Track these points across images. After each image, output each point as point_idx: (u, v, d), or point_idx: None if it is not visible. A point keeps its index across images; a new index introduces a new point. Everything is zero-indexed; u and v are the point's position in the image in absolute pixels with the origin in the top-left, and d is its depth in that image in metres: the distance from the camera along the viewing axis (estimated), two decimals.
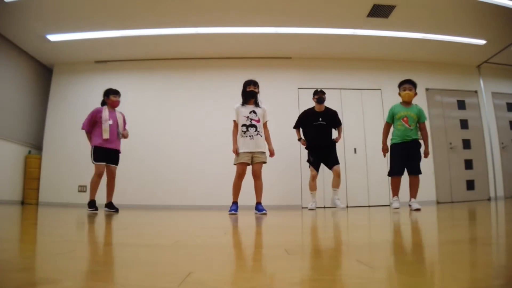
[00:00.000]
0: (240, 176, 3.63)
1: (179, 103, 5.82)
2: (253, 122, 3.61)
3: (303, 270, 0.83)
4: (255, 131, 3.60)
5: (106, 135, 3.70)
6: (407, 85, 3.77)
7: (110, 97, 3.89)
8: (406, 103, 3.82)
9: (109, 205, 3.84)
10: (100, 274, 0.78)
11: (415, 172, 3.72)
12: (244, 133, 3.61)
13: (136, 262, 0.94)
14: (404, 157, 3.74)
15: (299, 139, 4.57)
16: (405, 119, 3.76)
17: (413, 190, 3.74)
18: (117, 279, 0.74)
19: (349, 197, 5.48)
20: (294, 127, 4.63)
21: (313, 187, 4.42)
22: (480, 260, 0.93)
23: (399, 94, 3.84)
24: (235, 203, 3.67)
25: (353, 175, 5.55)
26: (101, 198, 3.80)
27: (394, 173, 3.81)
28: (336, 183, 4.34)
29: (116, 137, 3.84)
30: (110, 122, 3.77)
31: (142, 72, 5.96)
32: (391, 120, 3.91)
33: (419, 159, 3.75)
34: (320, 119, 4.39)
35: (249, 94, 3.68)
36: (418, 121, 3.81)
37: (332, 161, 4.37)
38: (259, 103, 3.75)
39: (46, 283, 0.67)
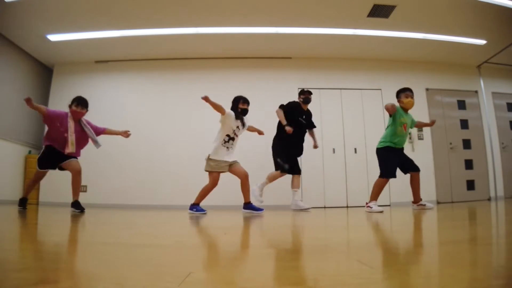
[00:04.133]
0: (214, 184, 3.72)
1: (179, 103, 5.81)
2: (234, 136, 3.72)
3: (303, 270, 0.83)
4: (232, 144, 3.71)
5: (72, 149, 3.68)
6: (410, 92, 3.77)
7: (72, 106, 3.72)
8: (406, 110, 3.79)
9: (75, 205, 3.68)
10: (100, 274, 0.78)
11: (417, 168, 3.74)
12: (225, 143, 3.67)
13: (136, 262, 0.94)
14: (396, 163, 3.74)
15: (286, 125, 4.09)
16: (405, 125, 3.75)
17: (419, 188, 3.79)
18: (117, 279, 0.74)
19: (349, 197, 5.48)
20: (280, 108, 4.29)
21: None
22: (480, 260, 0.93)
23: (401, 101, 3.78)
24: (198, 205, 3.84)
25: (353, 175, 5.55)
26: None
27: (391, 174, 3.71)
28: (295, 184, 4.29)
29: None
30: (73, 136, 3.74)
31: (142, 72, 5.96)
32: (393, 117, 3.75)
33: (410, 158, 3.82)
34: (304, 116, 4.42)
35: (243, 113, 3.78)
36: (411, 126, 3.90)
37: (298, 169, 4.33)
38: (245, 121, 3.84)
39: (46, 283, 0.67)
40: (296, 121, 4.26)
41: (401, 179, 3.92)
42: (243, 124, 3.81)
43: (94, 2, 4.32)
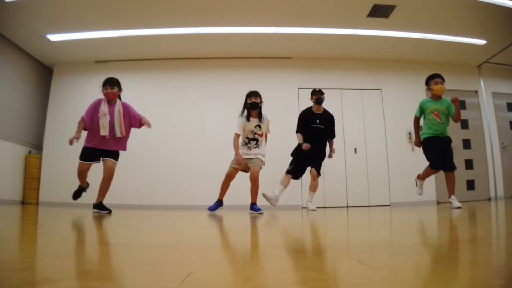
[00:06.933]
0: (229, 177, 3.74)
1: (179, 103, 5.82)
2: (256, 136, 3.70)
3: (303, 270, 0.83)
4: (255, 144, 3.70)
5: (104, 132, 3.32)
6: (438, 79, 3.75)
7: (102, 90, 3.39)
8: (437, 97, 3.78)
9: (99, 206, 3.46)
10: (100, 274, 0.78)
11: (450, 168, 3.69)
12: (244, 144, 3.72)
13: (136, 262, 0.94)
14: (439, 152, 3.69)
15: (301, 144, 4.16)
16: (435, 113, 3.72)
17: (451, 186, 3.71)
18: (117, 279, 0.74)
19: (349, 197, 5.48)
20: (297, 131, 4.29)
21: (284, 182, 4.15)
22: (480, 260, 0.93)
23: (430, 88, 3.78)
24: (220, 201, 3.84)
25: (353, 175, 5.55)
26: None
27: (437, 166, 3.70)
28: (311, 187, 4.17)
29: (113, 135, 3.40)
30: (108, 118, 3.34)
31: (142, 72, 5.96)
32: (420, 114, 3.86)
33: (452, 155, 3.73)
34: (318, 121, 4.18)
35: (252, 106, 3.68)
36: (449, 114, 3.75)
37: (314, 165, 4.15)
38: (263, 115, 3.76)
39: (46, 283, 0.67)
40: (310, 129, 4.17)
41: (401, 179, 3.92)
42: (261, 120, 3.73)
43: (94, 2, 4.32)
